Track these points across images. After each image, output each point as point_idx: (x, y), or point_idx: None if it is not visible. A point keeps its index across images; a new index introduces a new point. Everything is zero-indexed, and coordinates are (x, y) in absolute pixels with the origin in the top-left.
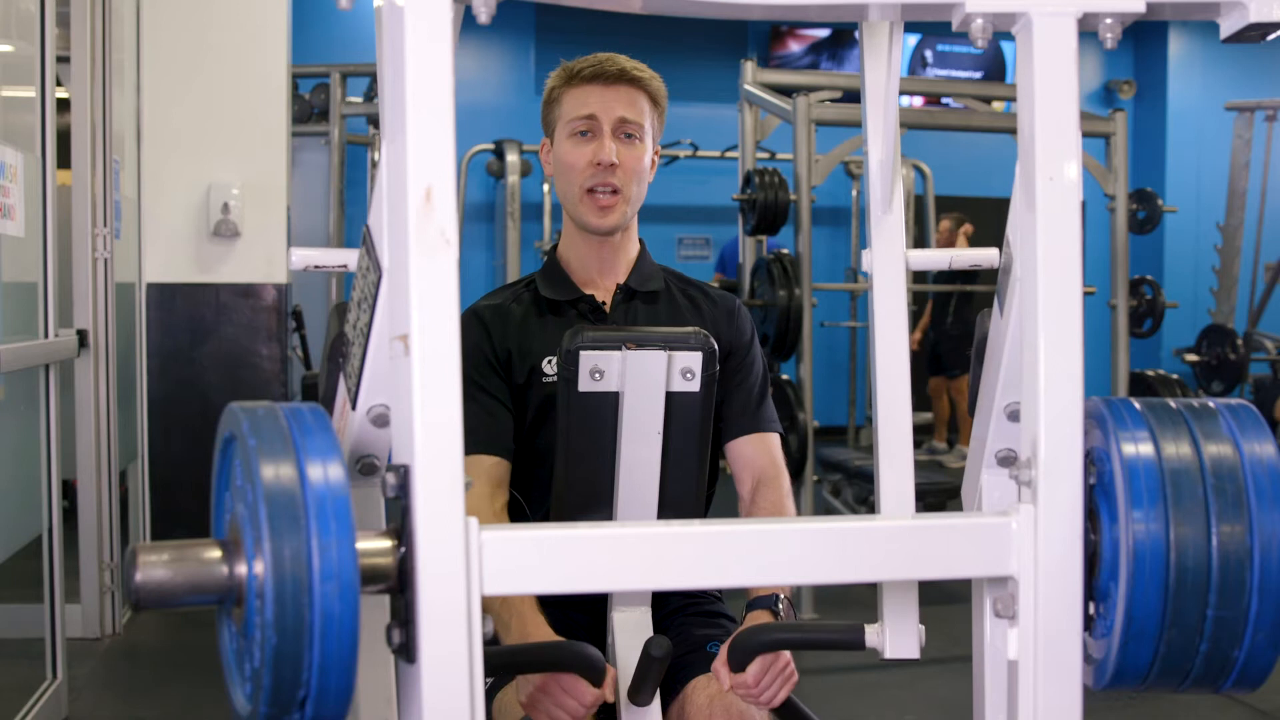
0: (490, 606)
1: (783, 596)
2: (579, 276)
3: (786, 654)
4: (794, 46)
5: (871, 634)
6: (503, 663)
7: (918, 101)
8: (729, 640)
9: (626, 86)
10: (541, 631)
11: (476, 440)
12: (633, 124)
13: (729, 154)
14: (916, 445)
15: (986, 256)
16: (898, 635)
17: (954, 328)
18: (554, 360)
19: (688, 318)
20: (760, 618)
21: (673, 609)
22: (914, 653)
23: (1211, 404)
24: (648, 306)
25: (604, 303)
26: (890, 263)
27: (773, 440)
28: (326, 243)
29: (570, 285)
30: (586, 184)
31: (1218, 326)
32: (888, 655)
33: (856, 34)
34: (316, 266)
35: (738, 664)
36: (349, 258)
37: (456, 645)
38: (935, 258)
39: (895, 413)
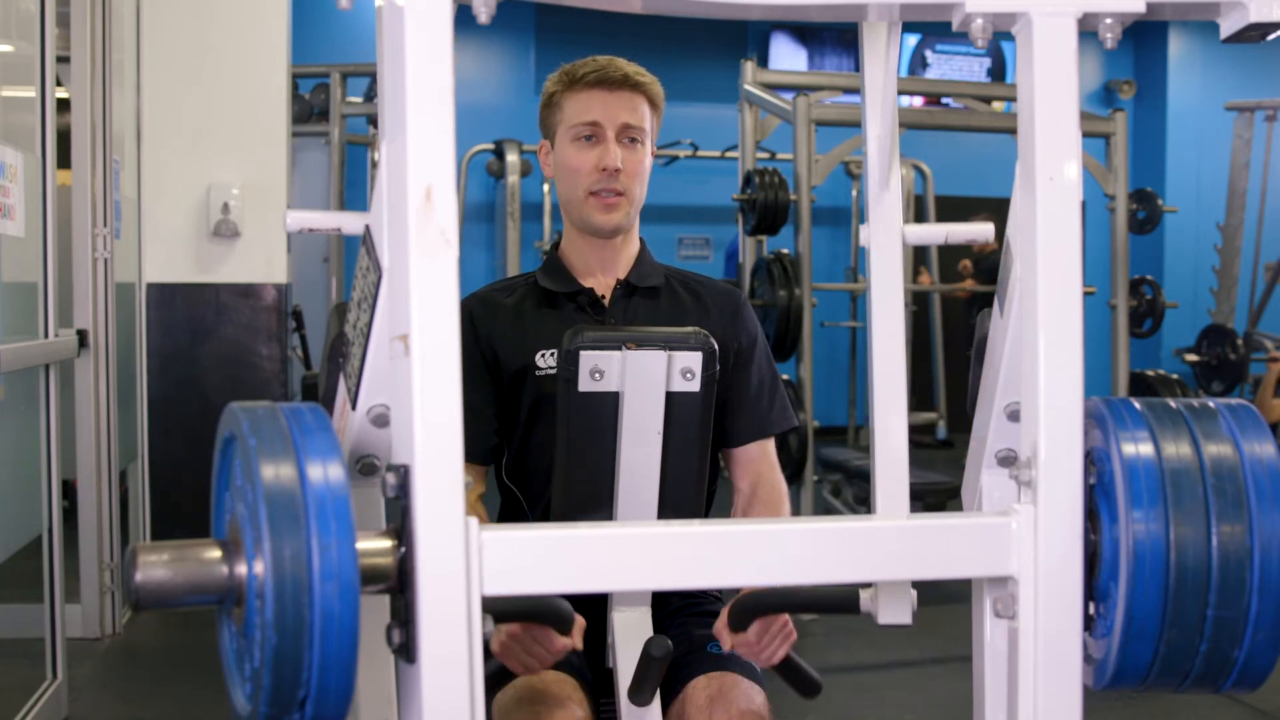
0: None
1: None
2: (579, 272)
3: (784, 614)
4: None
5: (865, 599)
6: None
7: (918, 101)
8: (729, 604)
9: (629, 92)
10: None
11: None
12: (635, 128)
13: (729, 154)
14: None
15: (982, 231)
16: (890, 602)
17: None
18: (548, 354)
19: (689, 310)
20: None
21: (673, 609)
22: (906, 619)
23: (1211, 404)
24: (648, 302)
25: (603, 296)
26: (887, 238)
27: (769, 444)
28: (326, 243)
29: (570, 278)
30: (591, 187)
31: (1218, 326)
32: (881, 621)
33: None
34: (311, 229)
35: (738, 625)
36: (343, 220)
37: (456, 645)
38: (931, 232)
39: (890, 404)
